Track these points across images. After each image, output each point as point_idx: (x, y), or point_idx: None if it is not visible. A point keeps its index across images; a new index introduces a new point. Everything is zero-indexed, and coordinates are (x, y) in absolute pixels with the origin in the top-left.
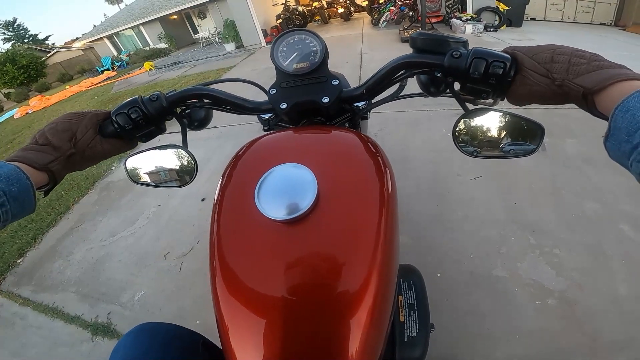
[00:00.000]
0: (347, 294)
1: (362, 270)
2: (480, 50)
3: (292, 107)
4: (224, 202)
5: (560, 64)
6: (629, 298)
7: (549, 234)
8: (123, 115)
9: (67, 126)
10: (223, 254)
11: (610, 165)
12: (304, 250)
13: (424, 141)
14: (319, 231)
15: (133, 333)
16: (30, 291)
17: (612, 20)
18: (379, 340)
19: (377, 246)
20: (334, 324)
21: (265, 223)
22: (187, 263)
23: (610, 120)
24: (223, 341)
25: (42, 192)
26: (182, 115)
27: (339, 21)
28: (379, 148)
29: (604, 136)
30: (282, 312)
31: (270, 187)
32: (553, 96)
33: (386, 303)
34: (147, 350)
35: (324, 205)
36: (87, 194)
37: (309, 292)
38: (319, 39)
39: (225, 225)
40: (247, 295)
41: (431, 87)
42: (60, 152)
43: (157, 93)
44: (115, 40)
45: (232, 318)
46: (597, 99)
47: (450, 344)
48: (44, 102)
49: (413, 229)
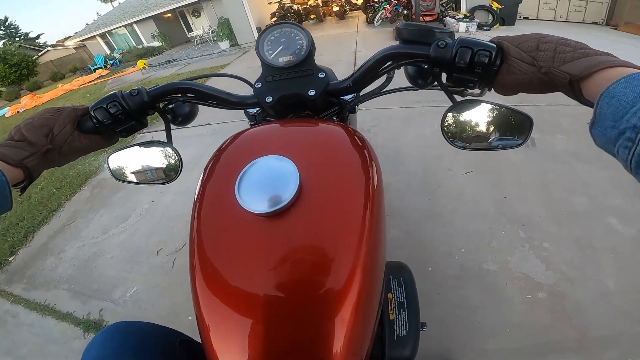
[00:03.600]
0: (331, 291)
1: (345, 266)
2: (465, 39)
3: (278, 100)
4: (205, 197)
5: (545, 52)
6: (617, 292)
7: (539, 228)
8: (101, 110)
9: (44, 122)
10: (203, 251)
11: (599, 160)
12: (286, 244)
13: (416, 137)
14: (301, 225)
15: (105, 332)
16: (22, 289)
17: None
18: (365, 338)
19: (361, 241)
20: (318, 321)
21: (245, 217)
22: (179, 259)
23: (596, 107)
24: (204, 341)
25: (18, 189)
26: (165, 111)
27: (334, 19)
28: (365, 141)
29: (589, 123)
30: (264, 309)
31: (251, 180)
32: (539, 84)
33: (372, 300)
34: (119, 350)
35: (307, 198)
36: (79, 191)
37: (292, 289)
38: (305, 32)
39: (205, 220)
40: (228, 293)
41: (419, 79)
42: (37, 148)
43: (139, 88)
44: (108, 39)
45: (212, 317)
46: (583, 86)
47: (441, 337)
48: (36, 100)
49: (404, 223)
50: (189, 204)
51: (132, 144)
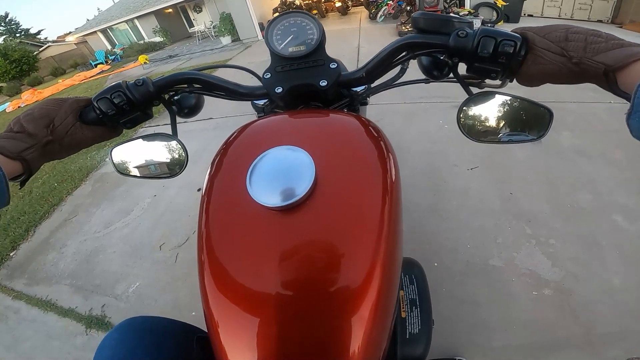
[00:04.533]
0: (349, 288)
1: (364, 263)
2: (488, 29)
3: (288, 91)
4: (214, 191)
5: (576, 42)
6: (623, 289)
7: (545, 224)
8: (105, 101)
9: (45, 113)
10: (212, 246)
11: (604, 157)
12: (301, 240)
13: (421, 132)
14: (317, 219)
15: (120, 328)
16: (24, 284)
17: (609, 17)
18: (382, 338)
19: (380, 236)
20: (334, 321)
21: (258, 211)
22: (182, 254)
23: (634, 97)
24: (213, 339)
25: (17, 184)
26: (170, 102)
27: (336, 15)
28: (380, 132)
29: (626, 113)
30: (277, 308)
31: (264, 171)
32: (569, 75)
33: (390, 298)
34: (136, 346)
35: (323, 190)
36: (80, 185)
37: (307, 287)
38: (315, 21)
39: (215, 215)
40: (239, 291)
41: (434, 70)
42: (36, 140)
43: (144, 78)
44: (109, 34)
45: (221, 314)
46: (619, 76)
47: (446, 333)
48: (36, 95)
49: (410, 219)
50: (192, 198)
51: (136, 137)
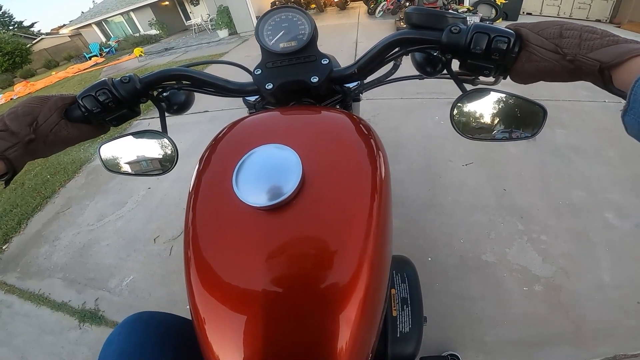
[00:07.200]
0: (336, 287)
1: (352, 261)
2: (481, 25)
3: (279, 87)
4: (200, 189)
5: (570, 39)
6: (613, 285)
7: (537, 221)
8: (90, 98)
9: (28, 110)
10: (198, 245)
11: (597, 155)
12: (287, 239)
13: (417, 128)
14: (304, 218)
15: (127, 323)
16: (16, 278)
17: (608, 17)
18: (370, 336)
19: (368, 235)
20: (321, 319)
21: (244, 210)
22: (177, 247)
23: (630, 94)
24: (200, 337)
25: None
26: (159, 99)
27: (335, 10)
28: (371, 130)
29: (622, 110)
30: (264, 307)
31: (250, 170)
32: (563, 72)
33: (378, 297)
34: (142, 341)
35: (310, 189)
36: (74, 177)
37: (293, 285)
38: (307, 16)
39: (201, 213)
40: (225, 289)
41: (427, 66)
42: (19, 138)
43: (130, 75)
44: (104, 27)
45: (208, 312)
46: (614, 73)
47: (439, 328)
48: (29, 88)
49: (405, 213)
50: (186, 191)
51: (125, 134)
